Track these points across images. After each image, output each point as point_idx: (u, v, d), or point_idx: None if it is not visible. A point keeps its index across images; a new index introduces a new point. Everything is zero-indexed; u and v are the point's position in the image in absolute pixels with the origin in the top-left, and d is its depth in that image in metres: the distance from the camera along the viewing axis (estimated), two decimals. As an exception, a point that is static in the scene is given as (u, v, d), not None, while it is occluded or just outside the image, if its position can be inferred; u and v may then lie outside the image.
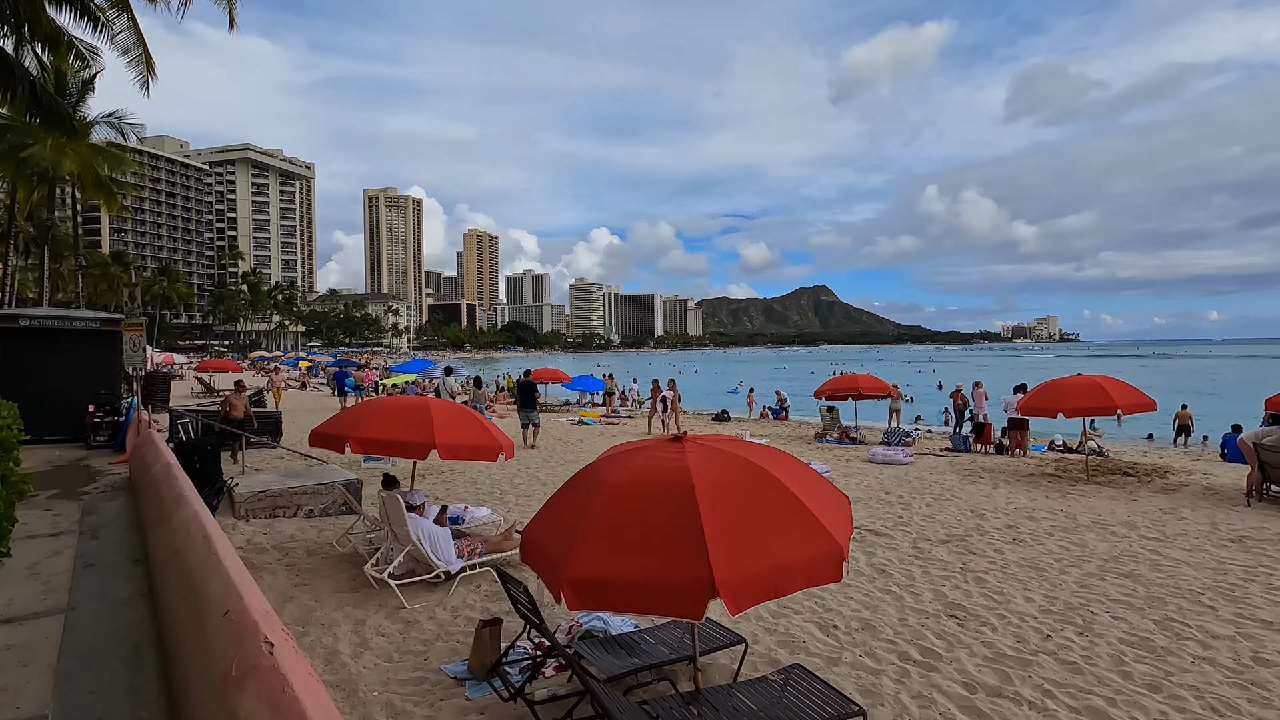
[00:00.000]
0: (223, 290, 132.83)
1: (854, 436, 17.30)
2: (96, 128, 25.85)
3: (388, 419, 6.43)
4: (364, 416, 6.46)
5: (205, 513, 4.32)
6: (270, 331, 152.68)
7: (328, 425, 6.72)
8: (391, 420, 6.42)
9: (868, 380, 17.19)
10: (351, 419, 6.56)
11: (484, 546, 6.81)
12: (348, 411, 6.87)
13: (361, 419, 6.43)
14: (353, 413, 6.74)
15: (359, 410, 6.71)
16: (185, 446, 8.74)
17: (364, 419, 6.41)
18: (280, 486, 8.99)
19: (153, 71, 13.31)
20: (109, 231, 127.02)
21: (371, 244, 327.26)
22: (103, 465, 10.60)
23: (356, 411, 6.69)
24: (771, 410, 28.80)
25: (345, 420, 6.63)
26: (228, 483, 8.97)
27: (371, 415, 6.45)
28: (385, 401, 6.78)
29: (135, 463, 8.54)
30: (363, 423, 6.36)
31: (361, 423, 6.37)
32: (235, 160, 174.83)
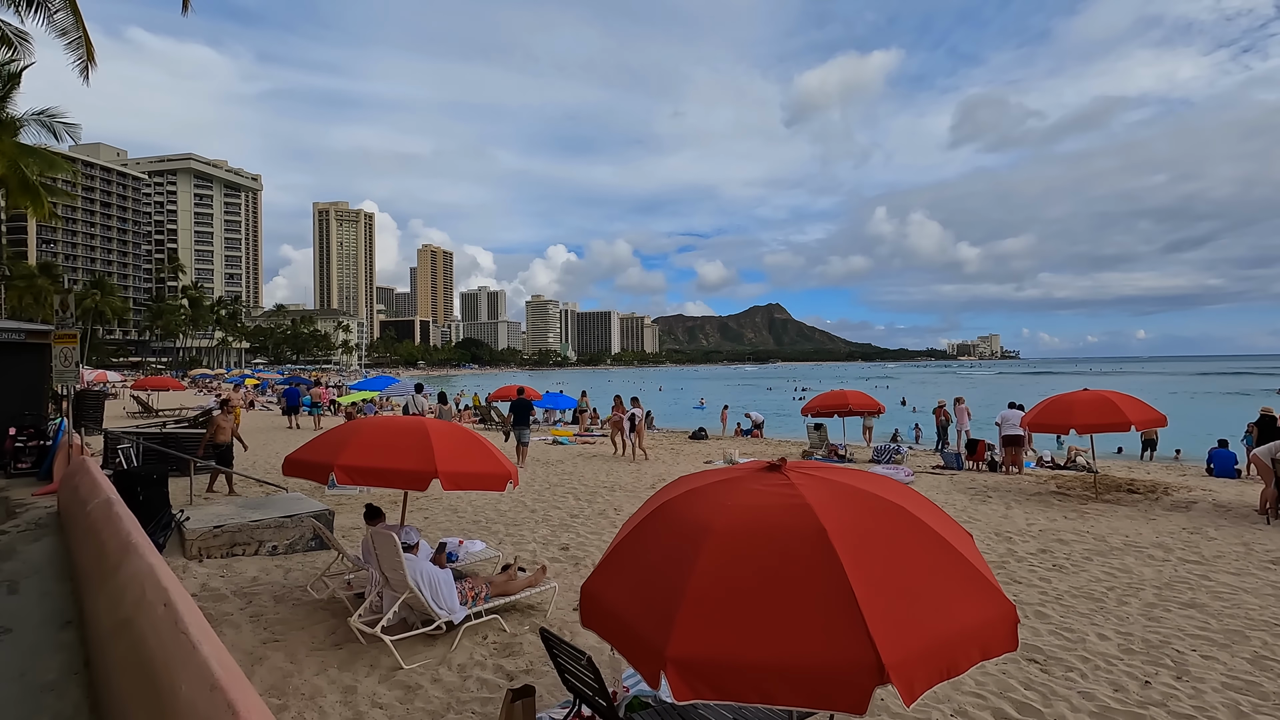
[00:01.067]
0: (161, 305, 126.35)
1: (842, 454, 16.83)
2: (25, 127, 23.84)
3: (380, 443, 5.50)
4: (349, 440, 5.50)
5: (163, 567, 3.35)
6: (212, 348, 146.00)
7: (306, 451, 5.74)
8: (384, 445, 5.49)
9: (857, 396, 16.79)
10: (334, 443, 5.59)
11: (489, 589, 5.89)
12: (330, 434, 5.89)
13: (347, 443, 5.48)
14: (336, 436, 5.77)
15: (343, 433, 5.74)
16: (126, 475, 7.55)
17: (350, 443, 5.46)
18: (239, 520, 7.85)
19: (92, 58, 12.05)
20: (36, 242, 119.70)
21: (321, 259, 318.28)
22: (25, 497, 9.23)
23: (340, 434, 5.73)
24: (744, 429, 28.32)
25: (327, 445, 5.66)
26: (176, 516, 7.79)
27: (359, 439, 5.50)
28: (374, 422, 5.83)
29: (65, 495, 7.31)
30: (348, 447, 5.41)
31: (347, 447, 5.42)
32: (177, 170, 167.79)
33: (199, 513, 8.27)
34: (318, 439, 5.93)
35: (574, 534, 9.15)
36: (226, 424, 11.98)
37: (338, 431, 5.87)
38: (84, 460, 7.68)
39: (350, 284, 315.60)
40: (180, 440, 13.59)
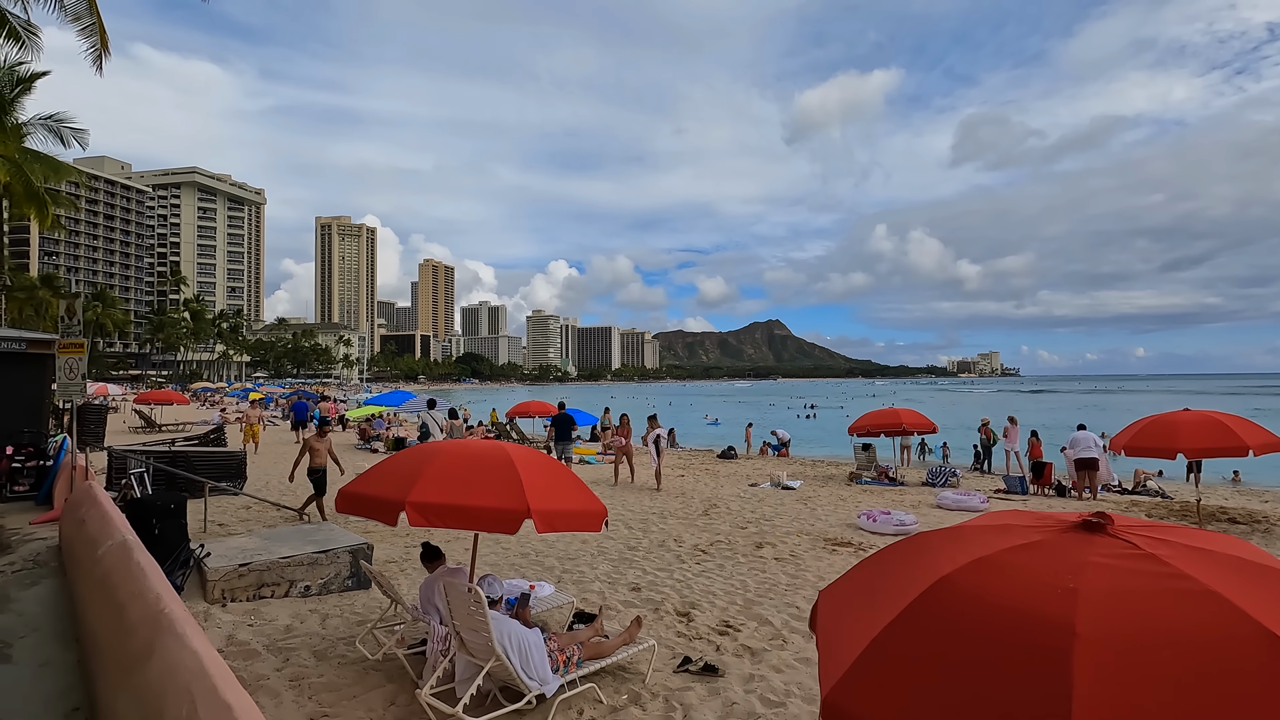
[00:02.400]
0: (163, 317, 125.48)
1: (893, 477, 15.80)
2: (31, 134, 23.05)
3: (459, 475, 4.52)
4: (422, 471, 4.52)
5: (216, 663, 2.37)
6: (213, 362, 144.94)
7: (366, 483, 4.75)
8: (464, 477, 4.51)
9: (910, 415, 15.80)
10: (402, 474, 4.61)
11: (580, 651, 4.88)
12: (394, 463, 4.91)
13: (419, 474, 4.49)
14: (402, 465, 4.78)
15: (411, 461, 4.76)
16: (139, 505, 6.54)
17: (423, 474, 4.47)
18: (267, 556, 6.83)
19: (106, 47, 11.19)
20: (39, 253, 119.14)
21: (323, 273, 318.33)
22: (21, 525, 8.21)
23: (408, 463, 4.74)
24: (772, 447, 27.30)
25: (393, 476, 4.67)
26: (196, 552, 6.78)
27: (434, 469, 4.51)
28: (446, 450, 4.83)
29: (69, 528, 6.31)
30: (422, 480, 4.42)
31: (420, 480, 4.42)
32: (181, 183, 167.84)
33: (219, 546, 7.25)
34: (378, 469, 4.93)
35: (639, 570, 8.13)
36: (321, 446, 11.03)
37: (403, 460, 4.88)
38: (90, 487, 6.67)
39: (351, 298, 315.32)
40: (191, 460, 12.59)
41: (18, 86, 22.03)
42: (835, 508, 12.15)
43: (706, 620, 6.43)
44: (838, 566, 8.27)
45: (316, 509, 11.12)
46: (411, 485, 4.42)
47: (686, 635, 6.07)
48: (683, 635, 6.08)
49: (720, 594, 7.24)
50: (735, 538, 9.77)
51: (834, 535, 9.88)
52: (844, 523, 10.82)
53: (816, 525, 10.64)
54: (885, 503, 12.85)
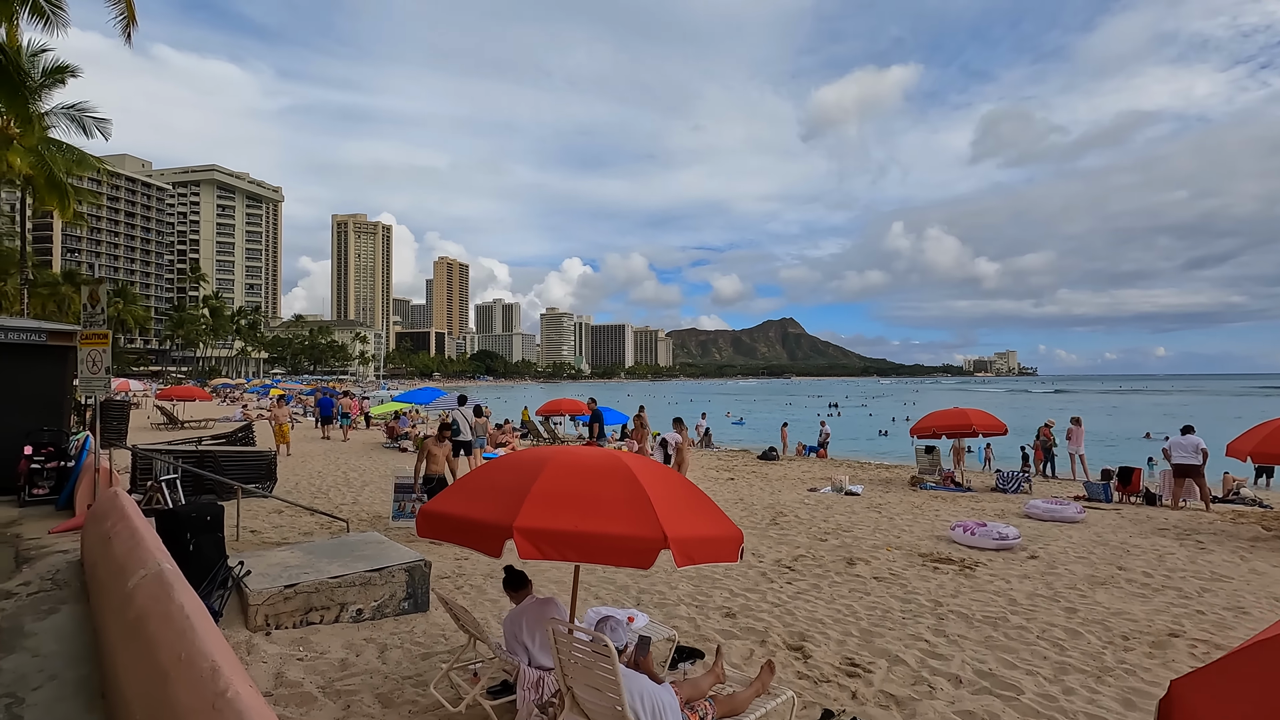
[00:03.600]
0: (182, 314, 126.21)
1: (958, 482, 14.76)
2: (54, 122, 22.49)
3: (576, 493, 3.61)
4: (529, 486, 3.60)
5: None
6: (231, 358, 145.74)
7: (452, 501, 3.85)
8: (583, 495, 3.60)
9: (980, 416, 14.73)
10: (501, 491, 3.70)
11: (714, 709, 3.96)
12: (482, 476, 4.00)
13: (522, 491, 3.58)
14: (496, 479, 3.88)
15: (514, 474, 3.83)
16: (172, 517, 5.71)
17: (532, 492, 3.55)
18: (314, 576, 5.98)
19: (134, 16, 10.43)
20: (61, 251, 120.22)
21: (339, 270, 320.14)
22: (40, 534, 7.43)
23: (510, 477, 3.83)
24: (808, 448, 26.30)
25: (487, 493, 3.76)
26: (235, 570, 5.94)
27: (545, 486, 3.60)
28: (552, 458, 3.88)
29: (93, 544, 5.48)
30: (529, 498, 3.51)
31: (526, 498, 3.51)
32: (201, 181, 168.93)
33: (259, 563, 6.40)
34: (466, 484, 4.02)
35: (725, 590, 7.20)
36: (440, 451, 10.19)
37: (498, 472, 3.97)
38: (115, 495, 5.85)
39: (367, 295, 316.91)
40: (219, 460, 11.83)
41: (47, 76, 21.48)
42: (914, 517, 11.15)
43: (826, 657, 5.49)
44: (949, 588, 7.30)
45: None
46: (517, 505, 3.51)
47: (809, 677, 5.14)
48: (805, 677, 5.15)
49: (829, 621, 6.30)
50: (818, 551, 8.81)
51: (928, 550, 8.90)
52: (932, 535, 9.83)
53: (903, 537, 9.65)
54: (961, 510, 11.83)
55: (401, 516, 10.47)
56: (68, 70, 22.00)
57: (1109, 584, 7.46)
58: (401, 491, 10.55)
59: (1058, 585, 7.43)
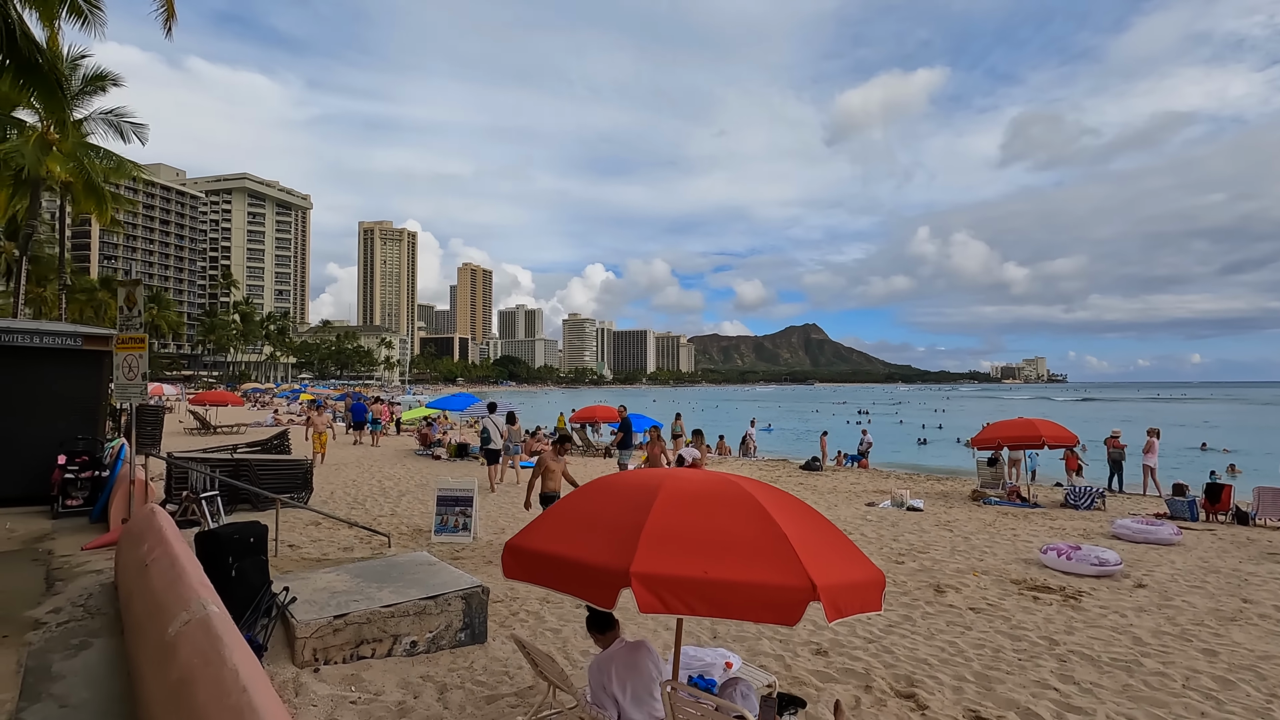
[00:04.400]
0: (214, 319, 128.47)
1: (1024, 496, 13.87)
2: (91, 124, 22.57)
3: (701, 530, 2.99)
4: (639, 522, 2.98)
5: None
6: (261, 363, 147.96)
7: (545, 536, 3.24)
8: (709, 532, 2.98)
9: (1049, 427, 13.82)
10: (606, 527, 3.08)
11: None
12: (579, 507, 3.38)
13: (635, 527, 2.96)
14: (598, 512, 3.26)
15: (612, 505, 3.22)
16: (213, 540, 5.19)
17: (644, 529, 2.93)
18: (366, 605, 5.42)
19: (173, 10, 10.12)
20: (98, 257, 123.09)
21: (365, 276, 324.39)
22: (73, 550, 6.99)
23: (607, 509, 3.21)
24: (849, 457, 25.41)
25: (589, 529, 3.15)
26: (279, 596, 5.41)
27: (659, 521, 2.98)
28: (663, 485, 3.22)
29: (128, 567, 4.98)
30: (645, 537, 2.89)
31: (642, 536, 2.89)
32: (232, 189, 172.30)
33: (303, 587, 5.87)
34: (560, 515, 3.40)
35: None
36: (558, 466, 9.59)
37: (598, 502, 3.35)
38: (152, 514, 5.35)
39: (393, 301, 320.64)
40: (255, 469, 11.42)
41: (88, 83, 21.56)
42: (990, 537, 10.34)
43: (944, 707, 4.79)
44: (1059, 622, 6.54)
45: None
46: (630, 545, 2.89)
47: (933, 733, 4.45)
48: (927, 733, 4.46)
49: (935, 662, 5.59)
50: (899, 576, 8.08)
51: (1019, 575, 8.12)
52: (1018, 557, 9.03)
53: (986, 560, 8.87)
54: (1039, 529, 10.99)
55: (444, 531, 9.94)
56: (108, 78, 22.07)
57: (1240, 620, 6.63)
58: (444, 504, 10.03)
59: (1181, 621, 6.62)
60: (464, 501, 10.01)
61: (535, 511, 10.63)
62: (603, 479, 3.59)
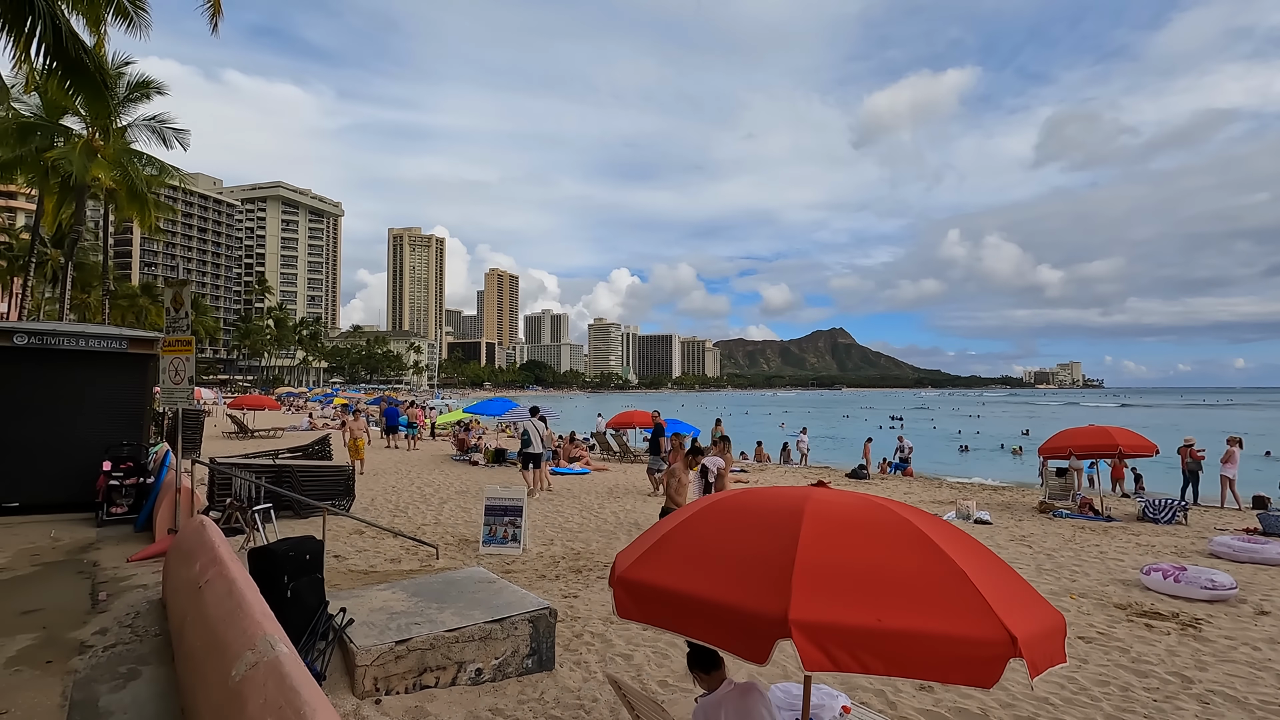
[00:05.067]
0: (249, 325, 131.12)
1: (1097, 509, 13.04)
2: (134, 131, 22.82)
3: (868, 568, 2.48)
4: (789, 556, 2.48)
5: None
6: (293, 367, 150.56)
7: (671, 570, 2.74)
8: (879, 571, 2.47)
9: (1126, 435, 12.98)
10: (747, 561, 2.59)
11: None
12: (702, 527, 2.89)
13: (785, 561, 2.46)
14: (731, 539, 2.75)
15: (748, 530, 2.72)
16: (267, 558, 4.81)
17: (795, 564, 2.43)
18: (429, 629, 5.00)
19: (219, 7, 9.93)
20: (139, 265, 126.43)
21: (394, 282, 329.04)
22: (118, 562, 6.70)
23: (743, 537, 2.70)
24: (892, 465, 24.58)
25: (724, 559, 2.65)
26: (336, 619, 5.00)
27: (812, 554, 2.47)
28: (806, 509, 2.72)
29: (179, 586, 4.61)
30: (800, 573, 2.39)
31: (794, 572, 2.39)
32: (267, 197, 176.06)
33: (359, 606, 5.47)
34: (682, 542, 2.89)
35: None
36: (687, 478, 9.09)
37: (734, 525, 2.84)
38: (202, 527, 4.99)
39: (421, 306, 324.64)
40: (297, 475, 11.15)
41: (133, 90, 21.81)
42: (1076, 554, 9.61)
43: (1085, 759, 4.19)
44: (1185, 656, 5.86)
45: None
46: (782, 585, 2.38)
47: (1083, 793, 3.85)
48: (1074, 792, 3.87)
49: (1058, 702, 4.97)
50: (988, 598, 7.43)
51: (1122, 599, 7.42)
52: (1114, 578, 8.31)
53: (1080, 582, 8.17)
54: (1126, 546, 10.21)
55: (493, 542, 9.53)
56: (152, 85, 22.30)
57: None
58: (493, 514, 9.62)
59: (1325, 655, 5.90)
60: (513, 511, 9.59)
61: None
62: (726, 496, 3.09)
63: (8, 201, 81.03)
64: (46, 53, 10.27)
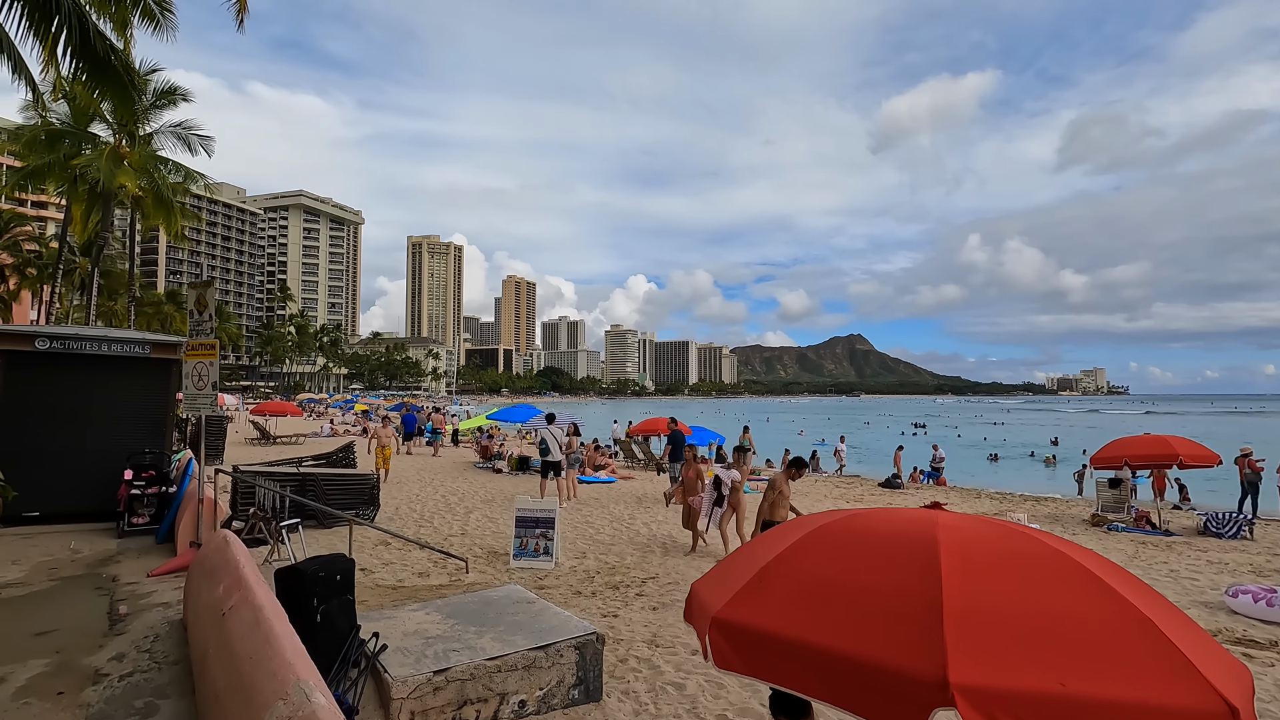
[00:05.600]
0: (271, 332, 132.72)
1: (1154, 523, 12.36)
2: (161, 138, 22.91)
3: (1033, 614, 2.01)
4: (928, 593, 2.04)
5: None
6: (314, 374, 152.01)
7: (779, 611, 2.30)
8: (1048, 618, 2.01)
9: (1186, 445, 12.31)
10: (875, 600, 2.14)
11: None
12: (808, 555, 2.45)
13: (928, 605, 2.02)
14: (842, 566, 2.32)
15: (862, 559, 2.28)
16: (295, 579, 4.43)
17: (944, 607, 1.99)
18: (467, 657, 4.58)
19: (245, 5, 9.73)
20: (164, 273, 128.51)
21: (413, 289, 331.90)
22: (138, 577, 6.37)
23: (858, 566, 2.27)
24: (924, 473, 23.87)
25: (845, 597, 2.21)
26: (369, 646, 4.60)
27: (964, 595, 2.03)
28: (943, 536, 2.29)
29: (200, 612, 4.25)
30: (951, 620, 1.95)
31: (945, 621, 1.95)
32: (289, 206, 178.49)
33: (391, 629, 5.07)
34: (790, 575, 2.44)
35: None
36: (789, 492, 8.29)
37: (847, 554, 2.39)
38: (226, 545, 4.62)
39: (439, 313, 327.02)
40: (321, 484, 10.84)
41: (160, 97, 21.89)
42: (1144, 572, 8.99)
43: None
44: (1298, 692, 5.28)
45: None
46: (935, 636, 1.93)
47: None
48: None
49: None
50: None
51: (1209, 624, 6.83)
52: (1194, 599, 7.71)
53: (1157, 603, 7.58)
54: (1189, 562, 9.57)
55: (524, 555, 9.12)
56: (178, 92, 22.37)
57: None
58: (523, 526, 9.22)
59: None
60: (545, 523, 9.18)
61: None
62: (832, 520, 2.64)
63: (39, 211, 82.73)
64: (73, 55, 10.12)
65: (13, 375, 8.27)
